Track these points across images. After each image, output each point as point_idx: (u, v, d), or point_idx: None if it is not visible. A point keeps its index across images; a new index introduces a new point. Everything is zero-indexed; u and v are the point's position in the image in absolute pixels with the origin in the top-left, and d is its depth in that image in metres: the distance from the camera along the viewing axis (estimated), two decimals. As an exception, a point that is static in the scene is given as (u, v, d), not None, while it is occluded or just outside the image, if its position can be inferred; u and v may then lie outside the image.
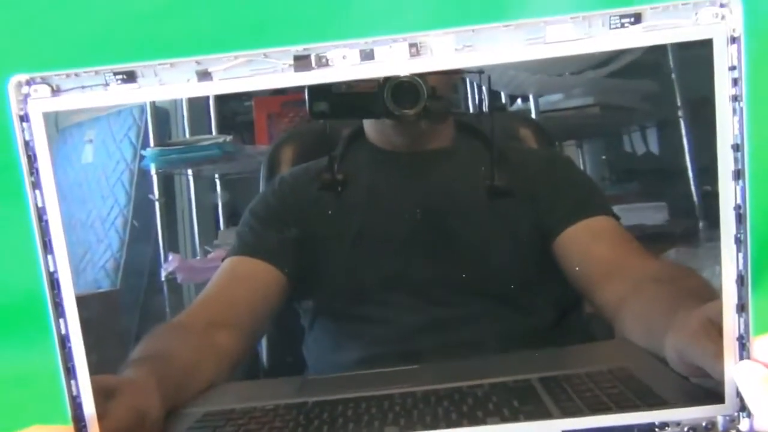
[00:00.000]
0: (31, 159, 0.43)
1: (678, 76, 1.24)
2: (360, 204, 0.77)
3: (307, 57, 0.41)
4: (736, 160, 0.42)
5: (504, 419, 0.47)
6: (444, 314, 0.75)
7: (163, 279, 1.25)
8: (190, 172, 1.40)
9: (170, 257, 1.29)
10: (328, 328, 0.79)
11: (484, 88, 0.97)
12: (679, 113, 1.26)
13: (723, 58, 0.41)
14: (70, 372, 0.45)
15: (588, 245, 0.73)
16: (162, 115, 1.47)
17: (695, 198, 1.18)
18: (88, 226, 1.43)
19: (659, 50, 1.09)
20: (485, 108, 0.96)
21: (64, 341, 0.45)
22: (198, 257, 1.37)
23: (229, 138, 1.26)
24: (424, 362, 0.64)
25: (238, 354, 0.69)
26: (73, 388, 0.45)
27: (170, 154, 1.31)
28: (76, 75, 0.42)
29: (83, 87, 0.42)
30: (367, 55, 0.41)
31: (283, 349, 0.90)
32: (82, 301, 0.45)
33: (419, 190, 0.77)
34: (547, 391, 0.51)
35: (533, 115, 1.20)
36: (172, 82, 0.42)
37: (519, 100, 1.28)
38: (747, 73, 0.41)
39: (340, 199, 0.77)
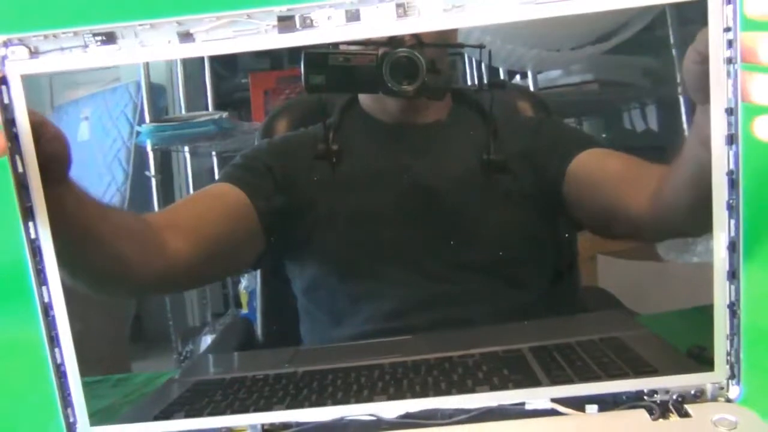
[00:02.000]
0: (10, 123, 0.42)
1: (678, 53, 1.22)
2: (354, 176, 0.76)
3: (291, 18, 0.40)
4: (729, 124, 0.41)
5: (494, 388, 0.46)
6: (439, 289, 0.74)
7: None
8: (186, 149, 1.39)
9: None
10: (322, 301, 0.79)
11: (483, 63, 0.96)
12: (679, 90, 1.24)
13: (718, 19, 0.40)
14: (53, 340, 0.45)
15: (598, 166, 0.73)
16: (158, 91, 1.46)
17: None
18: (86, 203, 1.42)
19: (660, 25, 1.08)
20: (484, 83, 0.95)
21: (47, 309, 0.44)
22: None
23: (225, 114, 1.25)
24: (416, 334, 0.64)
25: (185, 260, 0.67)
26: (57, 357, 0.45)
27: (166, 130, 1.30)
28: (55, 36, 0.41)
29: (62, 48, 0.41)
30: (353, 16, 0.40)
31: (279, 325, 0.90)
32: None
33: (415, 163, 0.76)
34: (537, 361, 0.51)
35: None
36: (152, 44, 0.41)
37: (518, 77, 1.27)
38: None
39: (334, 170, 0.76)
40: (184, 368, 0.63)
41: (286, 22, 0.40)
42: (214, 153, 1.38)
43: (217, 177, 0.76)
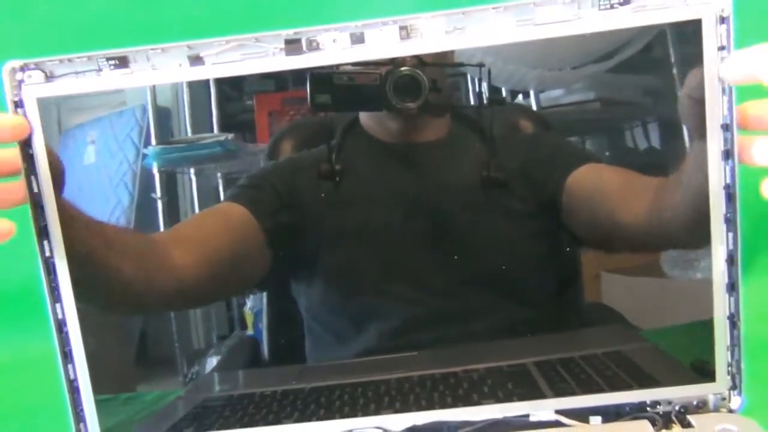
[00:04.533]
0: (26, 144, 0.43)
1: (679, 71, 1.23)
2: (357, 195, 0.77)
3: (298, 41, 0.42)
4: (725, 140, 0.42)
5: (499, 401, 0.47)
6: (443, 305, 0.75)
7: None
8: (192, 170, 1.41)
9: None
10: (327, 320, 0.80)
11: (483, 82, 0.97)
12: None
13: (712, 38, 0.41)
14: (67, 356, 0.46)
15: (596, 179, 0.73)
16: (164, 114, 1.48)
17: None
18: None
19: (660, 45, 1.09)
20: (485, 101, 0.96)
21: (60, 326, 0.45)
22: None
23: (230, 136, 1.27)
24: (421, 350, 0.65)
25: (192, 275, 0.67)
26: (71, 372, 0.46)
27: (172, 152, 1.31)
28: (69, 60, 0.42)
29: (76, 72, 0.43)
30: (358, 39, 0.42)
31: (285, 344, 0.91)
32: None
33: (416, 181, 0.77)
34: (541, 374, 0.51)
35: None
36: (164, 67, 0.42)
37: (520, 96, 1.28)
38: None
39: (337, 190, 0.77)
40: (191, 386, 0.64)
41: (293, 45, 0.42)
42: (219, 174, 1.40)
43: (222, 197, 0.78)
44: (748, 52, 0.40)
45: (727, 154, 0.42)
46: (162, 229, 1.39)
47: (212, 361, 0.94)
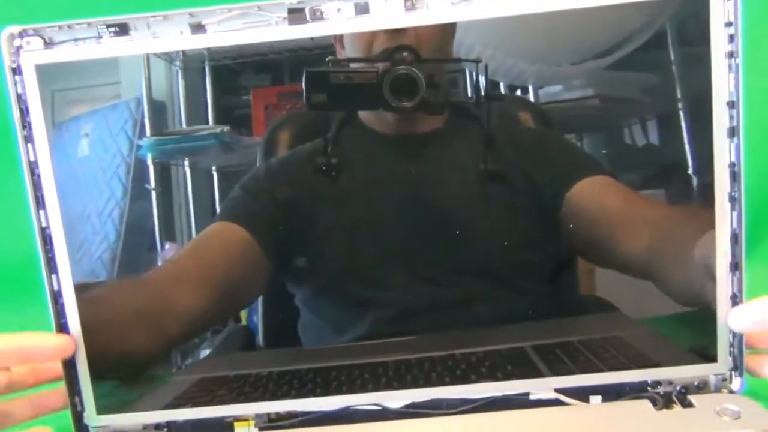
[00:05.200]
0: (24, 113, 0.43)
1: (678, 69, 1.23)
2: (355, 187, 0.77)
3: (301, 10, 0.41)
4: (731, 117, 0.42)
5: (498, 380, 0.47)
6: (439, 294, 0.74)
7: (159, 268, 1.24)
8: (186, 162, 1.40)
9: (167, 246, 1.29)
10: (324, 310, 0.79)
11: (481, 78, 0.97)
12: (679, 105, 1.25)
13: (719, 13, 0.41)
14: (62, 328, 0.45)
15: (599, 199, 0.73)
16: (158, 107, 1.47)
17: (694, 187, 1.18)
18: (85, 218, 1.42)
19: (660, 42, 1.09)
20: (482, 97, 0.96)
21: (56, 297, 0.45)
22: (195, 246, 1.37)
23: (226, 128, 1.26)
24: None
25: (195, 317, 0.67)
26: (65, 345, 0.45)
27: (166, 143, 1.31)
28: (69, 27, 0.42)
29: (76, 39, 0.42)
30: (362, 9, 0.41)
31: (280, 331, 0.90)
32: (78, 290, 0.45)
33: (413, 172, 0.77)
34: (540, 357, 0.51)
35: (532, 105, 1.20)
36: (165, 35, 0.42)
37: (519, 92, 1.28)
38: (743, 30, 0.41)
39: (334, 183, 0.77)
40: (186, 368, 0.63)
41: (296, 15, 0.41)
42: (214, 167, 1.39)
43: (217, 209, 0.77)
44: (757, 304, 0.42)
45: (733, 132, 0.42)
46: (156, 221, 1.38)
47: (206, 353, 0.93)
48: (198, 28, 0.42)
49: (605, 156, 1.36)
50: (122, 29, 0.42)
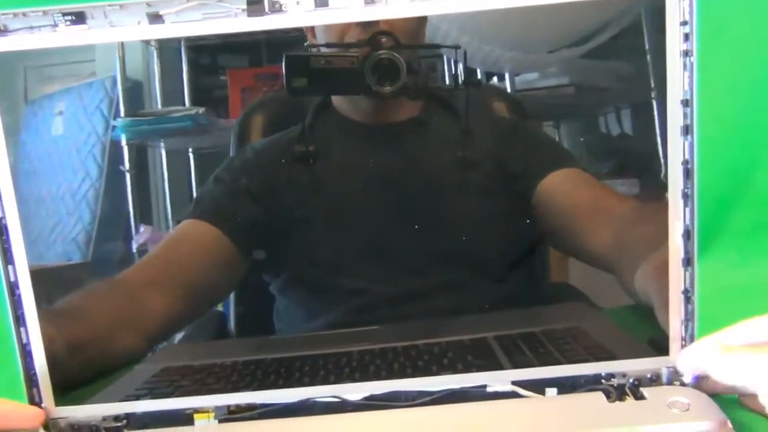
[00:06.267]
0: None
1: (653, 58, 1.24)
2: (332, 175, 0.77)
3: (260, 2, 0.41)
4: (685, 115, 0.42)
5: (457, 372, 0.47)
6: (417, 284, 0.75)
7: (134, 251, 1.23)
8: (162, 144, 1.39)
9: (141, 229, 1.28)
10: (300, 297, 0.79)
11: (459, 64, 0.97)
12: (653, 95, 1.26)
13: (675, 12, 0.41)
14: (19, 320, 0.45)
15: (569, 192, 0.74)
16: (135, 87, 1.46)
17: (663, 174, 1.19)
18: (59, 198, 1.41)
19: (635, 31, 1.09)
20: (460, 83, 0.96)
21: (13, 288, 0.44)
22: (170, 229, 1.36)
23: (201, 110, 1.25)
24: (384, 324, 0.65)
25: (172, 318, 0.69)
26: (23, 336, 0.45)
27: (141, 124, 1.29)
28: (24, 15, 0.41)
29: (31, 27, 0.41)
30: (322, 2, 0.41)
31: (252, 317, 0.90)
32: (52, 272, 0.45)
33: (390, 162, 0.77)
34: (501, 348, 0.52)
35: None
36: (122, 24, 0.41)
37: (495, 79, 1.28)
38: (698, 29, 0.41)
39: (311, 171, 0.76)
40: (151, 356, 0.63)
41: (255, 6, 0.41)
42: (190, 149, 1.38)
43: (194, 192, 0.76)
44: (697, 348, 0.42)
45: (687, 130, 0.42)
46: (131, 203, 1.37)
47: (178, 338, 0.94)
48: (156, 18, 0.41)
49: (583, 144, 1.38)
50: (79, 17, 0.41)
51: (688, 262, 0.43)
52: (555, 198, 0.74)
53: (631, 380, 0.45)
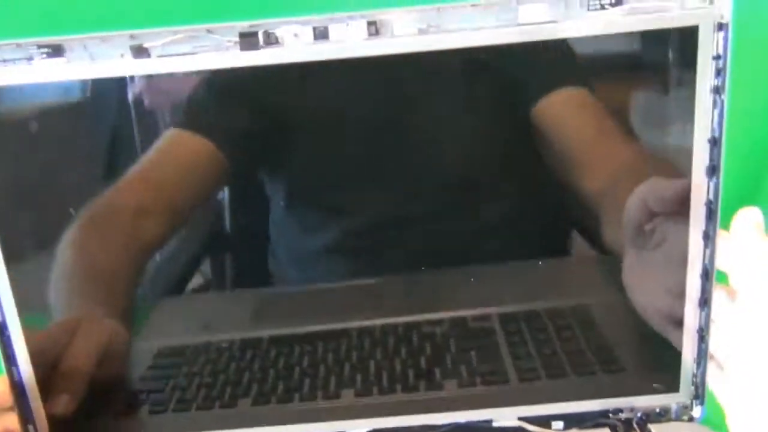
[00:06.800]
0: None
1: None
2: (328, 91, 0.73)
3: (254, 34, 0.38)
4: (711, 155, 0.39)
5: (462, 384, 0.47)
6: (414, 207, 0.73)
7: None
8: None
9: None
10: (296, 214, 0.77)
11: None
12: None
13: (708, 46, 0.38)
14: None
15: (569, 117, 0.70)
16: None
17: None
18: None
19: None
20: None
21: (2, 329, 0.43)
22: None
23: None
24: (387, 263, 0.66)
25: (162, 240, 0.67)
26: (15, 374, 0.44)
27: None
28: (-5, 47, 0.38)
29: (4, 61, 0.38)
30: (321, 34, 0.38)
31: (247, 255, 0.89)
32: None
33: (389, 74, 0.74)
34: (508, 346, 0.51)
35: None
36: (103, 58, 0.38)
37: None
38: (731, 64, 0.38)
39: (306, 87, 0.73)
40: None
41: (248, 39, 0.37)
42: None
43: (179, 114, 0.71)
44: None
45: (713, 170, 0.40)
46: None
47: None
48: (140, 51, 0.38)
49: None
50: (56, 50, 0.38)
51: (705, 302, 0.42)
52: (552, 124, 0.69)
53: (638, 415, 0.44)
